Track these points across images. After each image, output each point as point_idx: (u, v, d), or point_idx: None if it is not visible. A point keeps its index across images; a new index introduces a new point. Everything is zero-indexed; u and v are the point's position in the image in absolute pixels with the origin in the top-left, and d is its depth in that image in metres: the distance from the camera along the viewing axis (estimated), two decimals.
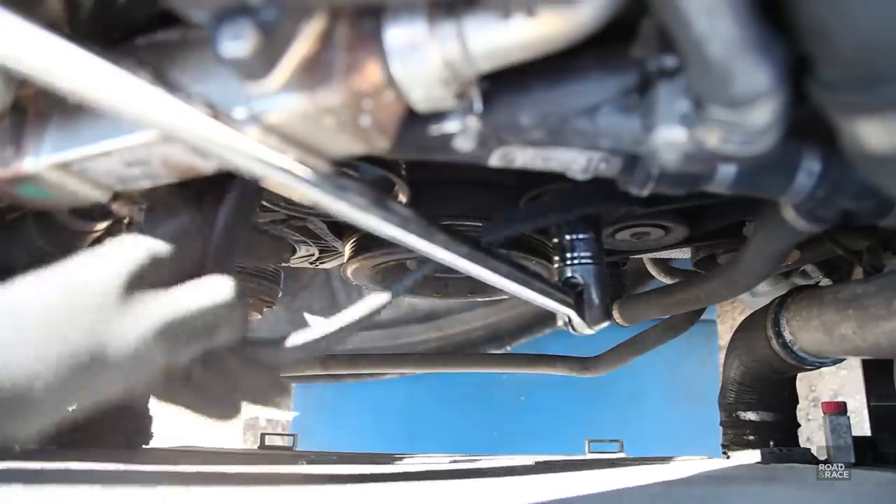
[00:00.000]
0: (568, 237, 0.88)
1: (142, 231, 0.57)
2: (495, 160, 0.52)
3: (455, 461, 1.25)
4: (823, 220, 0.59)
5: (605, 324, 0.89)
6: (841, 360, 1.07)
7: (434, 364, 1.58)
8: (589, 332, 0.87)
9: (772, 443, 1.09)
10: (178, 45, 0.47)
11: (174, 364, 0.47)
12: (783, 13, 0.37)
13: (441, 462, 1.24)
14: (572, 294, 0.84)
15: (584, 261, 0.88)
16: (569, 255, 0.91)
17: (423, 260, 1.04)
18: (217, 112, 0.42)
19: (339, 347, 1.98)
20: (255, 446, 1.43)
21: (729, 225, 0.99)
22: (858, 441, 1.02)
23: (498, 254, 0.64)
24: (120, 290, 0.45)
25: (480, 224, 0.87)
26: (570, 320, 0.86)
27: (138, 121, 0.42)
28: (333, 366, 1.44)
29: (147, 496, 0.67)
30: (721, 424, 1.18)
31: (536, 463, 1.16)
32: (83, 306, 0.43)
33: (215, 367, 0.52)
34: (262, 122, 0.43)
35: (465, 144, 0.48)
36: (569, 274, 0.88)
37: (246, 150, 0.43)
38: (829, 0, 0.35)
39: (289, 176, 0.45)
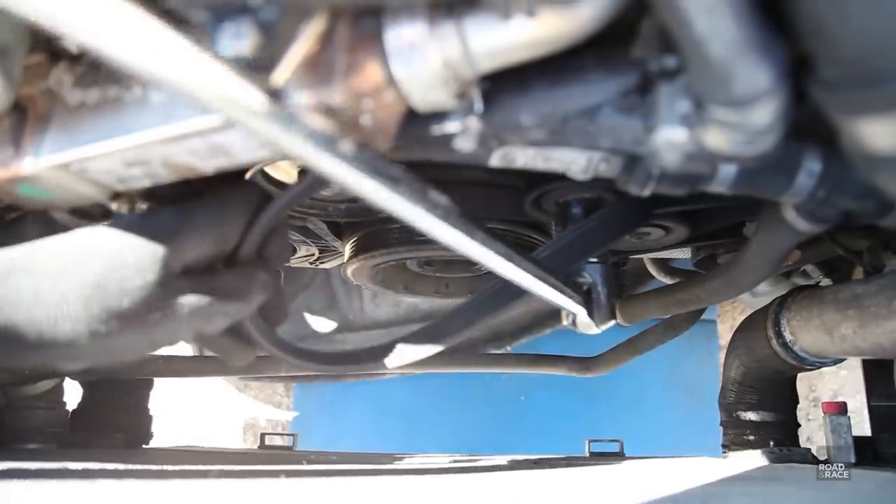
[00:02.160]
0: None
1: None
2: (496, 160, 0.52)
3: (455, 461, 1.25)
4: (824, 221, 0.59)
5: (612, 323, 0.89)
6: (841, 360, 1.07)
7: (434, 364, 1.58)
8: (595, 331, 0.87)
9: (772, 443, 1.09)
10: None
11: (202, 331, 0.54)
12: (783, 13, 0.37)
13: (441, 462, 1.24)
14: (580, 293, 0.84)
15: (590, 259, 0.88)
16: None
17: (425, 262, 1.04)
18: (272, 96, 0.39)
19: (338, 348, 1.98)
20: (255, 446, 1.43)
21: (730, 225, 0.99)
22: (858, 441, 1.02)
23: (523, 252, 0.64)
24: (160, 265, 0.50)
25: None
26: (574, 319, 0.86)
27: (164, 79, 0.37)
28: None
29: (147, 495, 0.67)
30: (721, 424, 1.18)
31: (537, 461, 1.16)
32: (124, 272, 0.49)
33: None
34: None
35: (465, 145, 0.48)
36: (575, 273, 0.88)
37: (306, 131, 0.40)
38: None
39: (340, 163, 0.42)
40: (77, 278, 0.49)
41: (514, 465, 1.08)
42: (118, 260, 0.50)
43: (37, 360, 0.51)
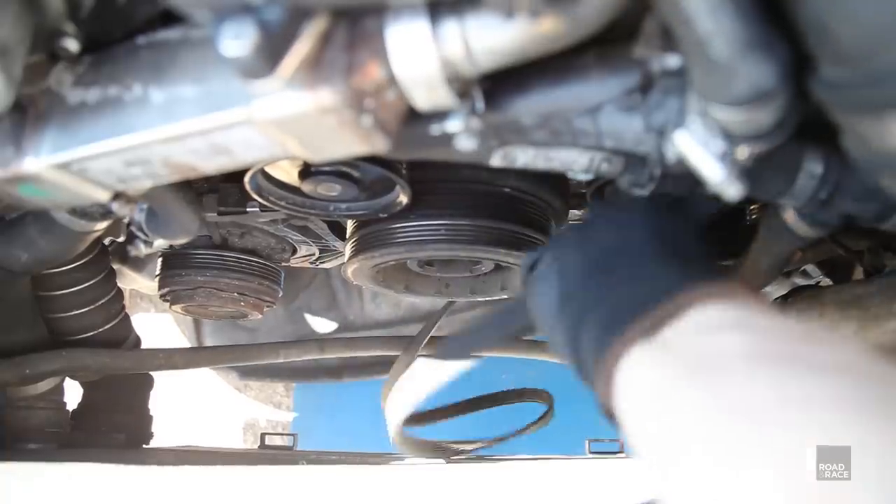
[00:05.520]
0: None
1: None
2: (497, 160, 0.52)
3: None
4: (825, 224, 0.59)
5: None
6: None
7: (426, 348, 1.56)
8: None
9: None
10: (180, 44, 0.47)
11: None
12: (785, 12, 0.37)
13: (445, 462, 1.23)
14: None
15: None
16: None
17: (426, 262, 1.04)
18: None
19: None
20: (255, 446, 1.43)
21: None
22: None
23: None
24: None
25: (479, 225, 0.86)
26: None
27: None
28: (329, 349, 1.41)
29: (147, 494, 0.67)
30: None
31: (540, 462, 1.16)
32: None
33: None
34: (262, 122, 0.43)
35: (466, 144, 0.48)
36: None
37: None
38: None
39: None
40: None
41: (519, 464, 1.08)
42: None
43: None
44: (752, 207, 0.97)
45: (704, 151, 0.45)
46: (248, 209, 0.96)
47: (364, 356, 1.76)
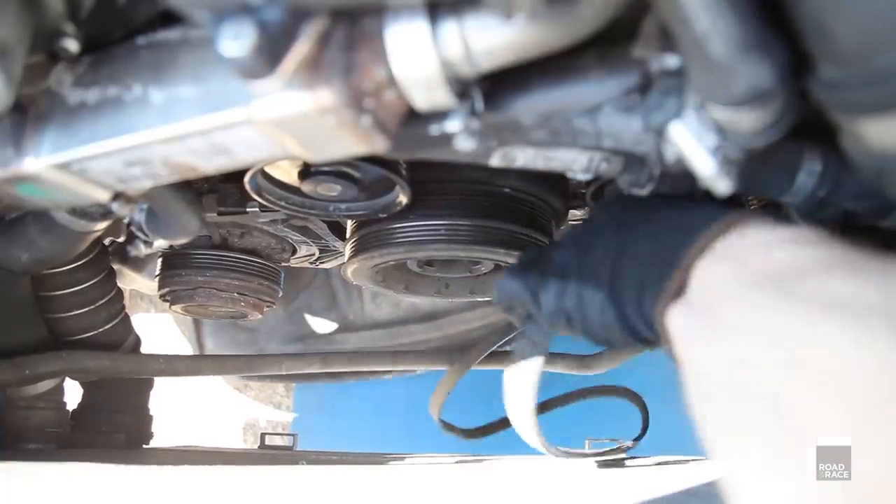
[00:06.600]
0: None
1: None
2: (496, 160, 0.52)
3: (460, 461, 1.25)
4: (824, 222, 0.59)
5: None
6: None
7: (431, 361, 1.57)
8: None
9: None
10: (179, 44, 0.47)
11: None
12: (784, 11, 0.37)
13: (445, 462, 1.24)
14: None
15: None
16: None
17: (426, 262, 1.04)
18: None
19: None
20: (255, 446, 1.43)
21: None
22: None
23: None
24: None
25: (478, 225, 0.86)
26: None
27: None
28: (332, 362, 1.41)
29: (147, 494, 0.67)
30: None
31: (540, 461, 1.16)
32: None
33: None
34: (262, 122, 0.43)
35: (466, 144, 0.48)
36: None
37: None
38: None
39: None
40: None
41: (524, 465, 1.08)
42: None
43: None
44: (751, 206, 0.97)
45: (698, 145, 0.45)
46: (247, 209, 0.96)
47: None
